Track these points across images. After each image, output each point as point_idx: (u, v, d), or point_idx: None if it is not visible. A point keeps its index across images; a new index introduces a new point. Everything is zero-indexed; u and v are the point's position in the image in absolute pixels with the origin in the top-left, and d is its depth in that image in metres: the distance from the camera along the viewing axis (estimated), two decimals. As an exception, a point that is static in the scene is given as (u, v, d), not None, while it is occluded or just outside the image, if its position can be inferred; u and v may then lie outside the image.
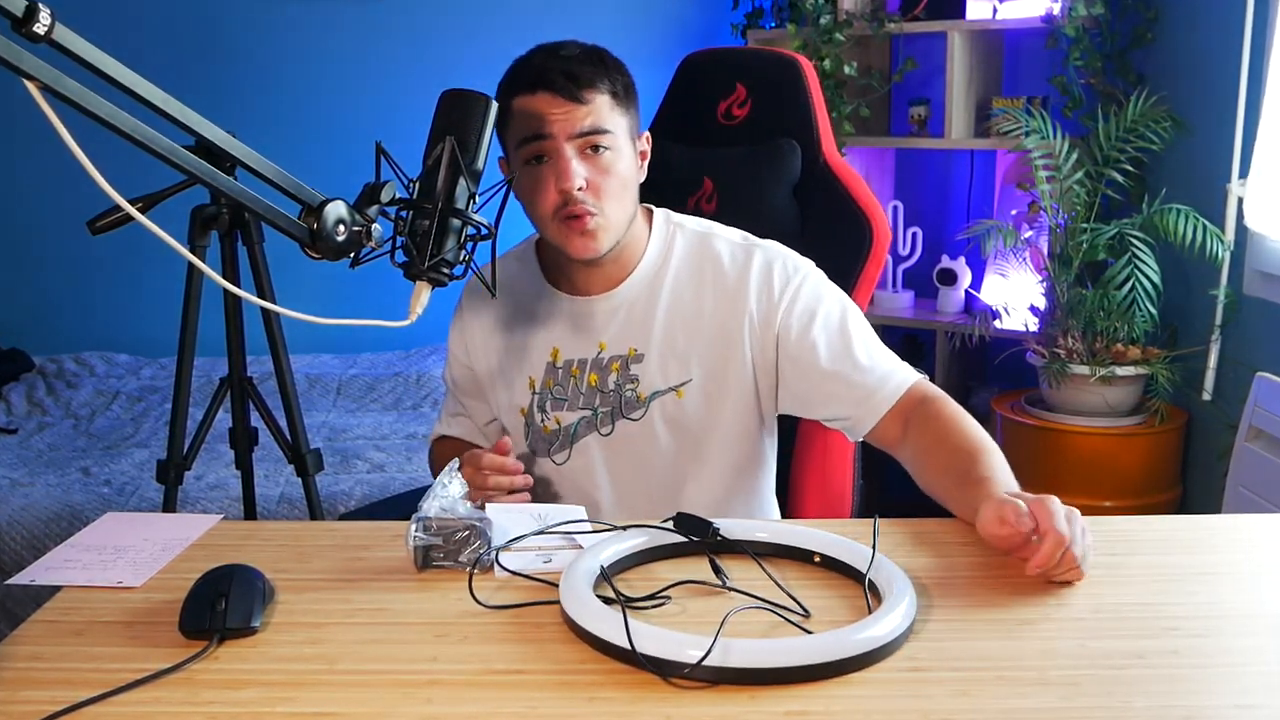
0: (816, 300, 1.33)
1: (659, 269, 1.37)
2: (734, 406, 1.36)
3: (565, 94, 1.25)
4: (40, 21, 0.81)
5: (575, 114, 1.25)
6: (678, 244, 1.38)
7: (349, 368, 3.32)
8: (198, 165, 0.93)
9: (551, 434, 1.40)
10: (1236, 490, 2.23)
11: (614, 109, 1.28)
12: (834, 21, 2.96)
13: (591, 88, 1.26)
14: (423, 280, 1.07)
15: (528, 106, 1.26)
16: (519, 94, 1.27)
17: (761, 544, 1.08)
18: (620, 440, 1.38)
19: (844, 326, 1.32)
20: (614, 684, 0.85)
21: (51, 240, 3.42)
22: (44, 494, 2.34)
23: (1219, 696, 0.83)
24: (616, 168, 1.28)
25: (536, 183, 1.28)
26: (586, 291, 1.37)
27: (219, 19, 3.39)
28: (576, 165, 1.26)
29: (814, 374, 1.32)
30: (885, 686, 0.84)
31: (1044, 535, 0.98)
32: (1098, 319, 2.56)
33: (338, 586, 1.03)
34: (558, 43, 1.30)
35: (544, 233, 1.32)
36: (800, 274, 1.35)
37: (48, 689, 0.85)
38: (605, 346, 1.37)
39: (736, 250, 1.36)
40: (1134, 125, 2.61)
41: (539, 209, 1.29)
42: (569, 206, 1.26)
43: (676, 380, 1.35)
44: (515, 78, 1.28)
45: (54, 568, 1.07)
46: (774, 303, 1.33)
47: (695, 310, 1.35)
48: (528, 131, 1.26)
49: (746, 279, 1.34)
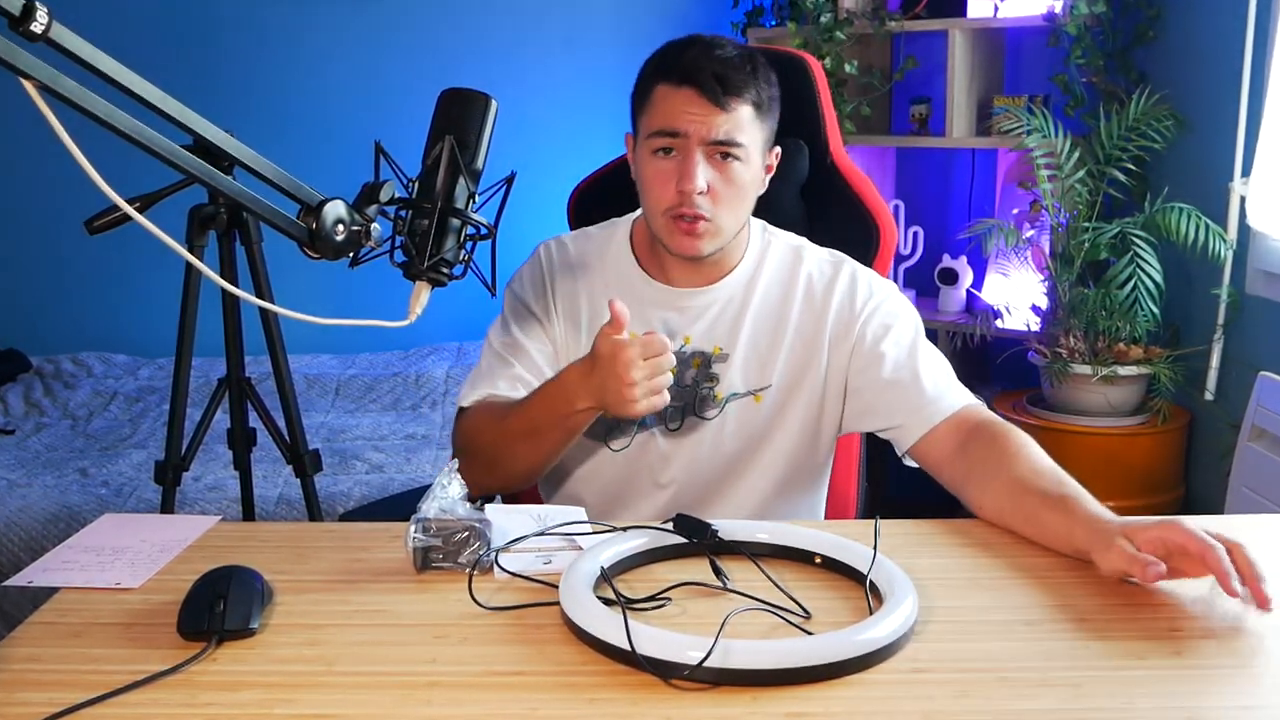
0: (894, 317, 1.35)
1: (754, 274, 1.37)
2: (802, 418, 1.36)
3: (710, 96, 1.24)
4: (38, 20, 0.81)
5: (714, 119, 1.24)
6: (772, 252, 1.39)
7: (348, 368, 3.31)
8: (196, 164, 0.93)
9: (613, 419, 1.35)
10: (1239, 490, 2.23)
11: (754, 120, 1.27)
12: (834, 20, 2.95)
13: (738, 95, 1.25)
14: (422, 280, 1.07)
15: (670, 99, 1.25)
16: (665, 81, 1.26)
17: (762, 545, 1.08)
18: (686, 437, 1.36)
19: (914, 345, 1.33)
20: (614, 685, 0.84)
21: (49, 240, 3.42)
22: (41, 495, 2.33)
23: (1221, 698, 0.83)
24: (741, 178, 1.28)
25: (659, 174, 1.27)
26: (681, 283, 1.37)
27: (216, 17, 3.38)
28: (703, 169, 1.25)
29: (877, 383, 1.32)
30: (886, 688, 0.84)
31: (1201, 554, 0.93)
32: (1100, 318, 2.56)
33: (336, 588, 1.03)
34: (716, 37, 1.29)
35: (651, 221, 1.32)
36: (883, 291, 1.37)
37: (45, 691, 0.84)
38: (690, 341, 1.36)
39: (825, 265, 1.38)
40: (1136, 124, 2.60)
41: (653, 199, 1.29)
42: (684, 206, 1.26)
43: (756, 385, 1.35)
44: (665, 63, 1.27)
45: (52, 569, 1.07)
46: (854, 314, 1.35)
47: (782, 318, 1.36)
48: (663, 124, 1.26)
49: (832, 292, 1.36)
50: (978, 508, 1.19)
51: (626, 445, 1.37)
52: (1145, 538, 0.98)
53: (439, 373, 3.21)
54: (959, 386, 1.33)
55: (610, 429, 1.37)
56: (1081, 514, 1.05)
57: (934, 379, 1.31)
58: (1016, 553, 1.10)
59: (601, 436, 1.37)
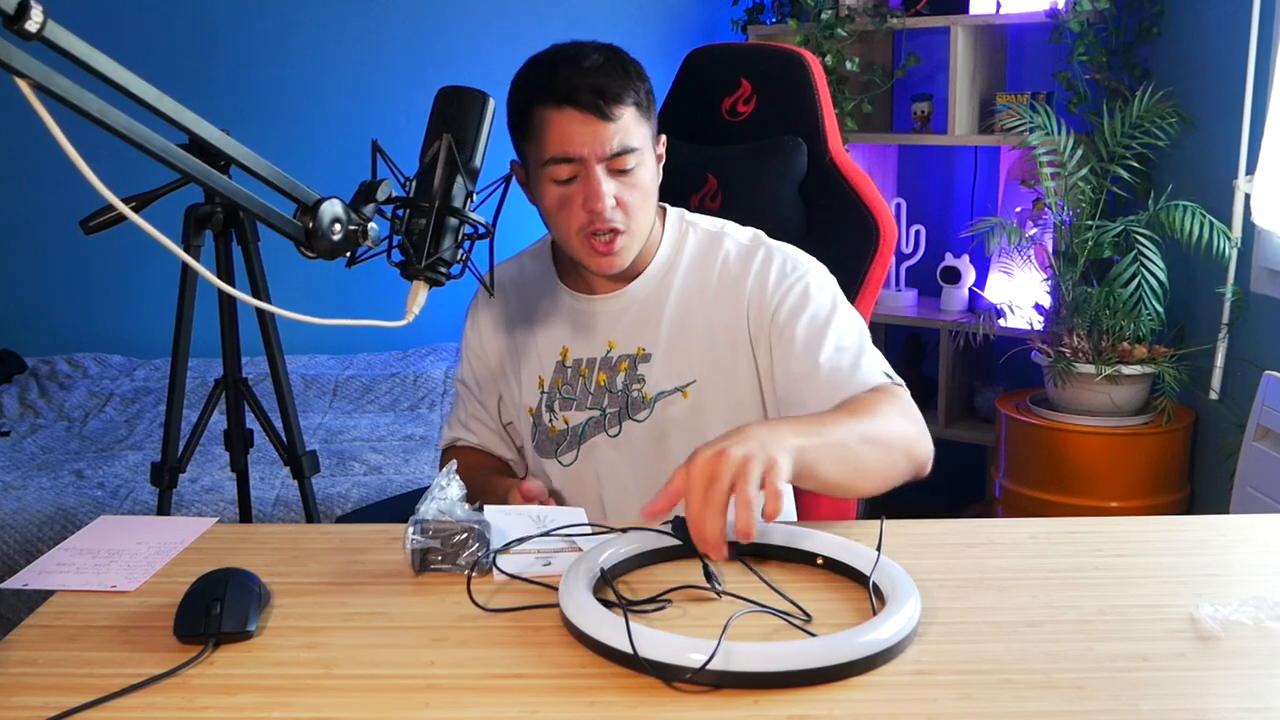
0: (807, 298, 1.30)
1: (669, 268, 1.36)
2: (741, 408, 1.34)
3: (594, 112, 1.22)
4: (32, 19, 0.80)
5: (604, 133, 1.23)
6: (689, 243, 1.37)
7: (345, 369, 3.30)
8: (192, 164, 0.93)
9: (559, 434, 1.39)
10: (1245, 490, 2.21)
11: (639, 121, 1.26)
12: (835, 16, 2.94)
13: (618, 103, 1.23)
14: (420, 280, 1.06)
15: (555, 123, 1.23)
16: (543, 104, 1.23)
17: (762, 546, 1.07)
18: (628, 442, 1.36)
19: (825, 328, 1.28)
20: (614, 688, 0.84)
21: (44, 240, 3.41)
22: (37, 497, 2.32)
23: (1227, 700, 0.82)
24: (642, 181, 1.27)
25: (564, 201, 1.26)
26: (596, 290, 1.37)
27: (212, 15, 3.37)
28: (606, 184, 1.24)
29: (787, 375, 1.28)
30: (889, 690, 0.83)
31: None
32: (1103, 317, 2.55)
33: (334, 590, 1.02)
34: (577, 47, 1.25)
35: (566, 246, 1.31)
36: (799, 272, 1.32)
37: (41, 695, 0.84)
38: (614, 345, 1.36)
39: (743, 249, 1.35)
40: (1140, 121, 2.59)
41: (563, 225, 1.28)
42: (596, 224, 1.25)
43: (682, 380, 1.34)
44: (537, 86, 1.24)
45: (47, 572, 1.07)
46: (767, 298, 1.31)
47: (701, 309, 1.34)
48: (556, 151, 1.24)
49: (746, 276, 1.32)
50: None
51: (574, 459, 1.39)
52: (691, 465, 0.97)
53: (437, 373, 3.20)
54: (870, 365, 1.26)
55: (557, 445, 1.39)
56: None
57: (839, 362, 1.25)
58: (1020, 554, 1.09)
59: (552, 453, 1.40)
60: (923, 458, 1.19)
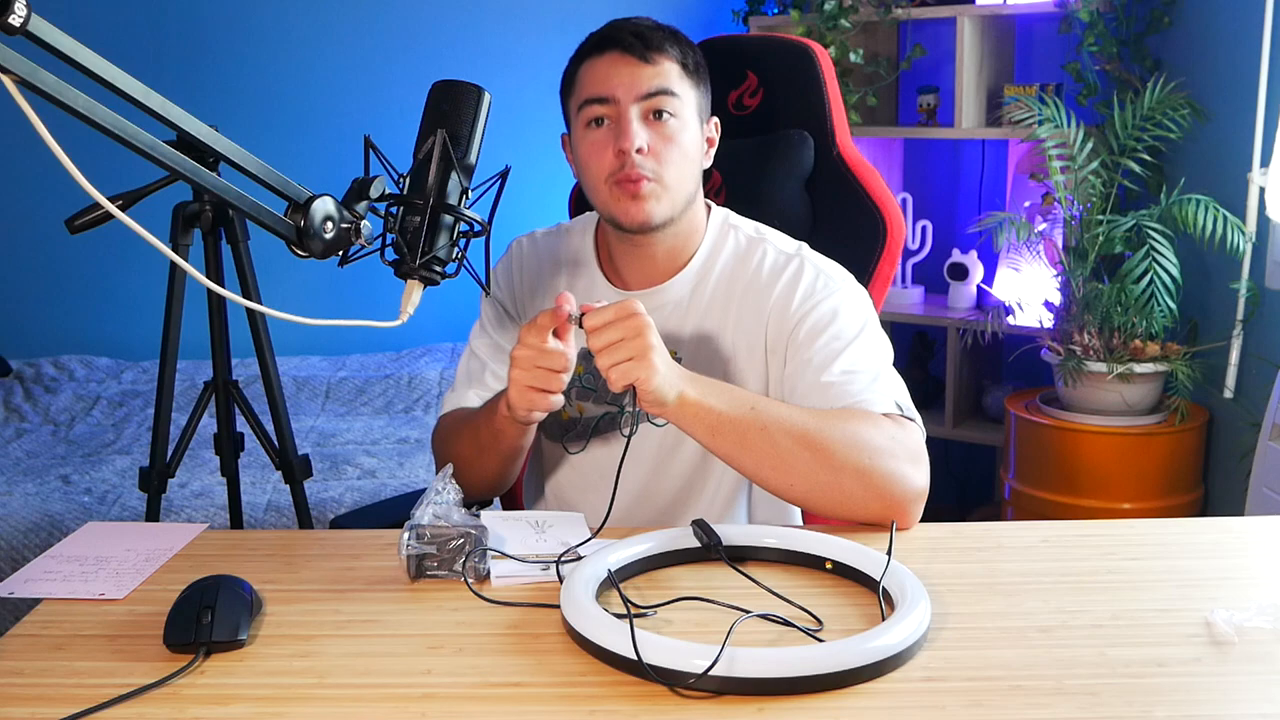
0: (831, 319, 1.25)
1: (706, 269, 1.33)
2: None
3: (633, 52, 1.23)
4: (15, 13, 0.80)
5: (641, 74, 1.23)
6: (728, 245, 1.34)
7: (338, 370, 3.25)
8: (180, 161, 0.93)
9: (569, 421, 1.36)
10: (1260, 491, 2.19)
11: (683, 78, 1.26)
12: (839, 7, 2.92)
13: (660, 51, 1.24)
14: (414, 279, 1.06)
15: (594, 66, 1.24)
16: (585, 57, 1.26)
17: (771, 550, 1.06)
18: (642, 442, 1.33)
19: (843, 350, 1.22)
20: (616, 696, 0.83)
21: (28, 239, 3.36)
22: (22, 503, 2.29)
23: (1243, 706, 0.82)
24: (681, 137, 1.25)
25: (594, 146, 1.24)
26: (632, 285, 1.34)
27: (201, 9, 3.34)
28: (638, 127, 1.23)
29: (792, 391, 1.24)
30: (898, 697, 0.83)
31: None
32: (1115, 314, 2.52)
33: (328, 597, 1.02)
34: (633, 16, 1.29)
35: (596, 203, 1.29)
36: (828, 290, 1.27)
37: (28, 705, 0.84)
38: None
39: (779, 259, 1.31)
40: (1151, 113, 2.56)
41: (593, 172, 1.25)
42: (626, 170, 1.23)
43: None
44: (583, 44, 1.27)
45: (33, 579, 1.06)
46: (790, 313, 1.27)
47: (730, 315, 1.31)
48: (590, 93, 1.24)
49: (774, 286, 1.29)
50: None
51: (583, 449, 1.36)
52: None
53: (432, 374, 3.16)
54: (876, 391, 1.19)
55: (566, 432, 1.37)
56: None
57: (841, 385, 1.19)
58: (1031, 557, 1.08)
59: (559, 438, 1.38)
60: (896, 495, 1.11)
